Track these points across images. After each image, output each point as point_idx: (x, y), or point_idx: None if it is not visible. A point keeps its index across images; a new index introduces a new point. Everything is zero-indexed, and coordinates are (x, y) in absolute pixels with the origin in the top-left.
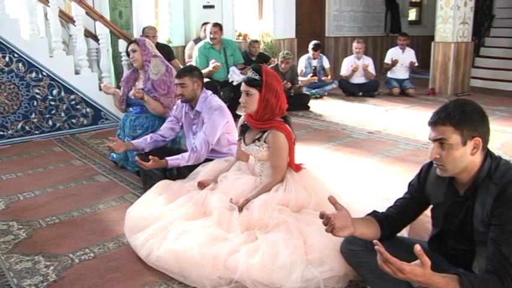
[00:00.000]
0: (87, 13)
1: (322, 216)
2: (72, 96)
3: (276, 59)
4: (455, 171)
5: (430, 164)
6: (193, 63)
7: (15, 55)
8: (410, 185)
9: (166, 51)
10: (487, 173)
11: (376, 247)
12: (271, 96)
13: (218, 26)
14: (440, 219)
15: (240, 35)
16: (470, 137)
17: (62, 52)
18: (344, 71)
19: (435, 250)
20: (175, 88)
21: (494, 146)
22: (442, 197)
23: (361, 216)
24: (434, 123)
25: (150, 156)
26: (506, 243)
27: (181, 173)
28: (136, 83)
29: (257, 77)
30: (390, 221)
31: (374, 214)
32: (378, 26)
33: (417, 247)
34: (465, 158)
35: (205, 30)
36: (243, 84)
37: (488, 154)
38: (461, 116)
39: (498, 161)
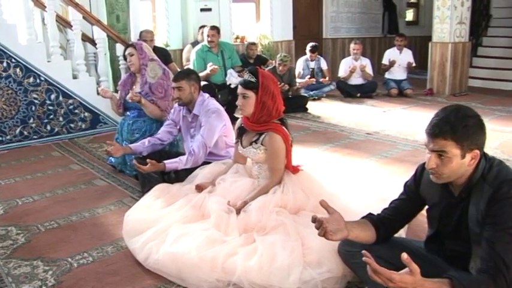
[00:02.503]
0: (84, 17)
1: (314, 220)
2: (70, 101)
3: (273, 61)
4: (451, 179)
5: (424, 164)
6: (191, 67)
7: (13, 60)
8: (406, 185)
9: (163, 54)
10: (481, 174)
11: (364, 258)
12: (267, 99)
13: (215, 29)
14: (435, 220)
15: (237, 37)
16: (469, 150)
17: (59, 57)
18: (342, 72)
19: (432, 251)
20: (172, 91)
21: (492, 145)
22: (437, 199)
23: (358, 218)
24: (434, 135)
25: (148, 160)
26: (499, 240)
27: (179, 176)
28: (134, 87)
29: (253, 80)
30: (386, 223)
31: (369, 217)
32: (375, 27)
33: (404, 255)
34: (462, 168)
35: (202, 33)
36: (239, 87)
37: (482, 156)
38: (464, 130)
39: (492, 162)
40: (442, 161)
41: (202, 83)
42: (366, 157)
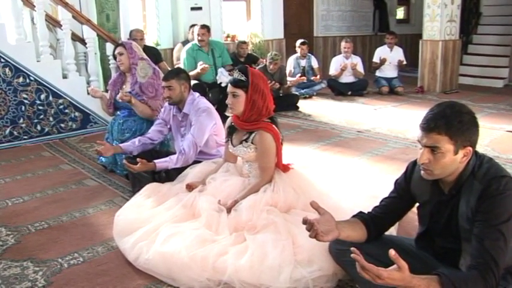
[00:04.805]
0: (74, 17)
1: (305, 222)
2: (61, 101)
3: (264, 60)
4: (442, 176)
5: (415, 162)
6: (182, 66)
7: (2, 60)
8: (396, 183)
9: (154, 53)
10: (471, 171)
11: (352, 255)
12: (257, 97)
13: (206, 28)
14: (426, 217)
15: (228, 36)
16: (463, 147)
17: (49, 56)
18: (333, 70)
19: (422, 248)
20: (163, 91)
21: (482, 142)
22: (428, 196)
23: (349, 216)
24: (429, 129)
25: (138, 159)
26: (488, 237)
27: (169, 175)
28: (124, 86)
29: (243, 78)
30: (376, 221)
31: (359, 215)
32: (366, 25)
33: (392, 252)
34: (454, 165)
35: (193, 32)
36: (229, 85)
37: (474, 153)
38: (459, 126)
39: (482, 159)
40: (435, 157)
41: (193, 82)
42: (357, 155)
